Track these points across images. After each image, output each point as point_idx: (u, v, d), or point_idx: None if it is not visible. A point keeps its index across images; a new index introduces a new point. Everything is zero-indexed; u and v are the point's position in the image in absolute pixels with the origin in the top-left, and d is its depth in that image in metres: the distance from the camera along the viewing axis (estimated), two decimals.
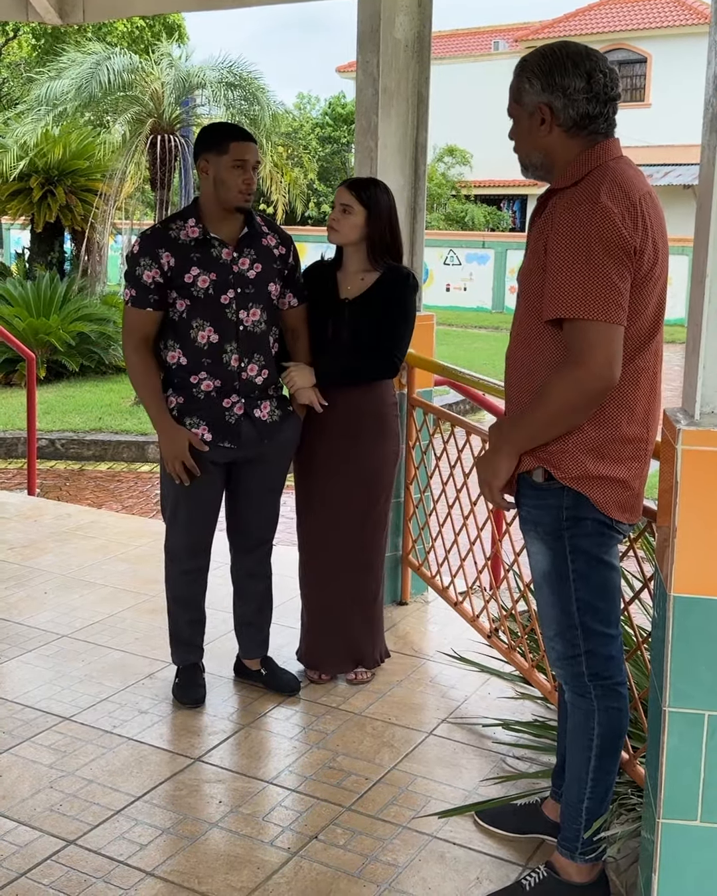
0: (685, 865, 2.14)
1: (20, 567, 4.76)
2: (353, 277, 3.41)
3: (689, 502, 2.03)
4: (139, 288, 3.14)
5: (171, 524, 3.39)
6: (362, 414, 3.43)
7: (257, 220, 3.27)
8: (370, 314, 3.35)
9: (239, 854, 2.65)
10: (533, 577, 2.40)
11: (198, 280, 3.13)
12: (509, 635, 3.51)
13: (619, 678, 2.35)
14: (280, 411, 3.33)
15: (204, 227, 3.16)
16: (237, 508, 3.43)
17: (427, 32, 4.10)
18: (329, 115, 30.63)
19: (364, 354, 3.36)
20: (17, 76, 25.11)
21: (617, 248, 2.06)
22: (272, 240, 3.28)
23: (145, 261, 3.12)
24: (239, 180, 3.11)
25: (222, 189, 3.12)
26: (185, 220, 3.18)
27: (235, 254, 3.18)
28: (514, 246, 22.12)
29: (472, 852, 2.67)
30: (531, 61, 2.22)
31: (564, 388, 2.09)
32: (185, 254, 3.13)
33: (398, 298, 3.36)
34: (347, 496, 3.46)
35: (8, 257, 21.37)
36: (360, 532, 3.50)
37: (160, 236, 3.16)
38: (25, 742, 3.18)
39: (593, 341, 2.05)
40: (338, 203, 3.36)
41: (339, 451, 3.43)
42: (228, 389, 3.21)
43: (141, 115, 11.13)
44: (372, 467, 3.47)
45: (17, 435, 8.74)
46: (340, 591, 3.54)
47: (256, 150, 3.16)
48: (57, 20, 5.59)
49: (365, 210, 3.33)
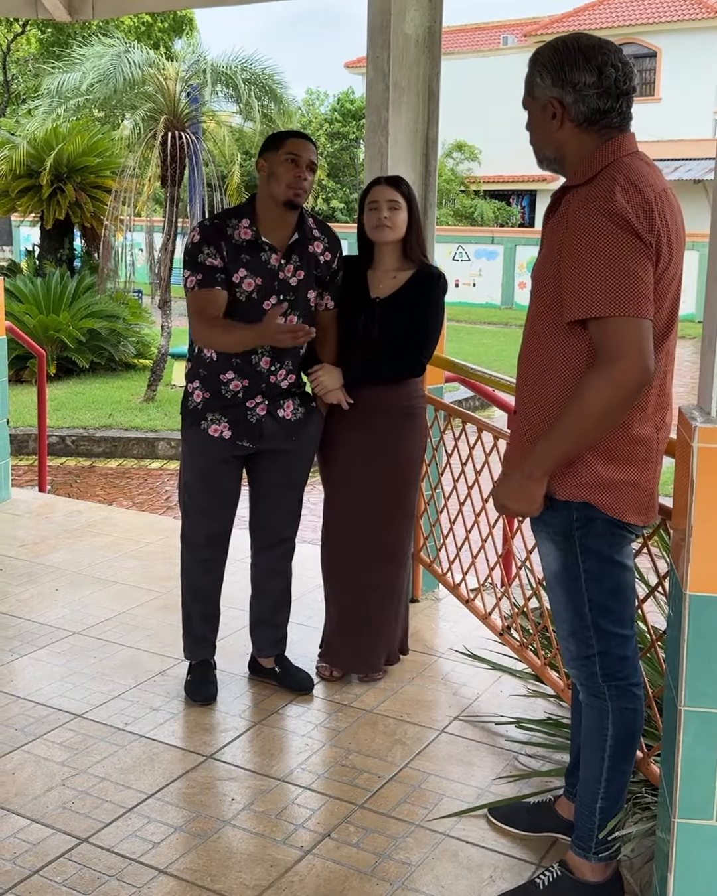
0: (700, 864, 2.13)
1: (31, 564, 4.77)
2: (384, 276, 3.40)
3: (705, 500, 2.02)
4: (205, 271, 3.12)
5: (187, 513, 3.40)
6: (392, 409, 3.42)
7: (309, 222, 3.26)
8: (401, 313, 3.34)
9: (252, 852, 2.65)
10: (545, 578, 2.38)
11: (244, 282, 3.14)
12: (522, 632, 3.50)
13: (634, 679, 2.33)
14: (304, 408, 3.33)
15: (257, 230, 3.15)
16: (258, 504, 3.44)
17: (438, 27, 4.08)
18: (338, 111, 30.56)
19: (392, 354, 3.36)
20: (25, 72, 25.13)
21: (637, 242, 2.04)
22: (319, 245, 3.27)
23: (209, 249, 3.12)
24: (290, 174, 3.10)
25: (274, 183, 3.12)
26: (239, 219, 3.17)
27: (282, 260, 3.18)
28: (523, 241, 22.07)
29: (485, 851, 2.67)
30: (543, 55, 2.20)
31: (603, 387, 2.03)
32: (236, 253, 3.13)
33: (429, 299, 3.36)
34: (376, 491, 3.45)
35: (18, 254, 21.42)
36: (388, 527, 3.49)
37: (219, 229, 3.15)
38: (38, 739, 3.18)
39: (627, 337, 2.02)
40: (383, 200, 3.32)
41: (368, 446, 3.42)
42: (255, 391, 3.22)
43: (153, 112, 11.12)
44: (401, 462, 3.47)
45: (28, 432, 8.76)
46: (368, 586, 3.52)
47: (312, 149, 3.15)
48: (66, 17, 5.59)
49: (407, 205, 3.34)
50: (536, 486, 2.19)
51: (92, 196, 13.14)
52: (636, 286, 2.02)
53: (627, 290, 2.02)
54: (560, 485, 2.20)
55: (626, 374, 2.02)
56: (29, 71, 25.32)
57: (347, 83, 34.88)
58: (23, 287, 12.20)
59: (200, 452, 3.30)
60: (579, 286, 2.06)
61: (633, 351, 2.02)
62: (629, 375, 2.02)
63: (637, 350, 2.02)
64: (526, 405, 2.30)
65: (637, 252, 2.04)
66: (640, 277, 2.03)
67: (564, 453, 2.14)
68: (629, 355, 2.02)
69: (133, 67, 10.86)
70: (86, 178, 13.15)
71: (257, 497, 3.43)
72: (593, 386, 2.05)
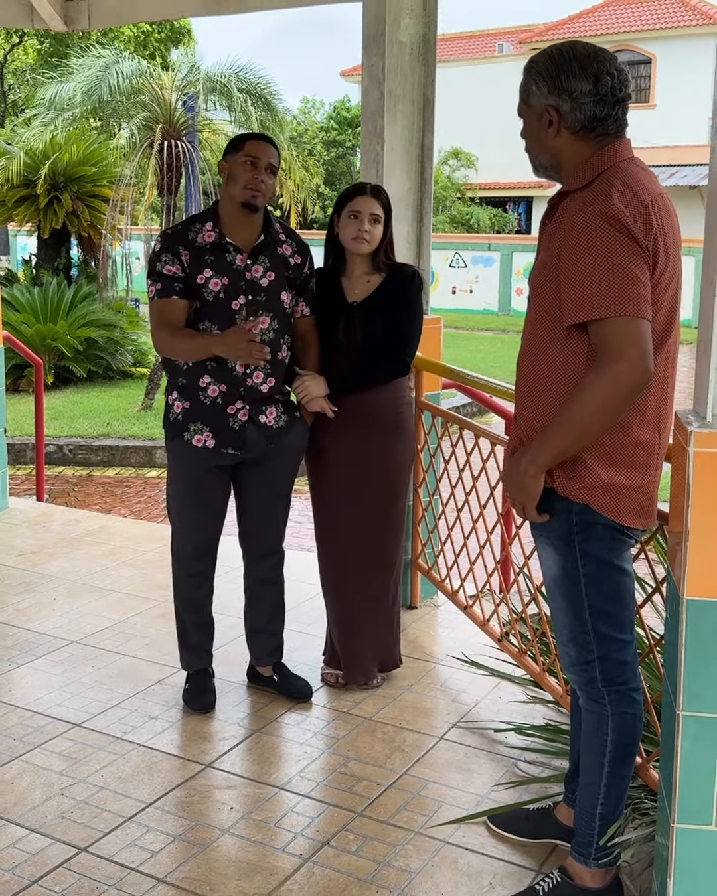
0: (699, 870, 2.12)
1: (29, 573, 4.76)
2: (358, 281, 3.40)
3: (701, 505, 2.02)
4: (163, 280, 3.14)
5: (175, 527, 3.40)
6: (378, 415, 3.42)
7: (276, 227, 3.28)
8: (380, 315, 3.35)
9: (251, 860, 2.64)
10: (545, 583, 2.39)
11: (210, 283, 3.14)
12: (520, 639, 3.49)
13: (633, 684, 2.33)
14: (287, 416, 3.32)
15: (220, 232, 3.17)
16: (245, 514, 3.43)
17: (432, 35, 4.10)
18: (334, 119, 30.65)
19: (375, 355, 3.36)
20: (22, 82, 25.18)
21: (634, 245, 2.05)
22: (288, 248, 3.28)
23: (166, 256, 3.14)
24: (247, 175, 3.11)
25: (232, 184, 3.14)
26: (203, 224, 3.19)
27: (248, 260, 3.19)
28: (519, 248, 22.10)
29: (485, 857, 2.66)
30: (539, 63, 2.22)
31: (603, 386, 2.05)
32: (200, 255, 3.15)
33: (405, 297, 3.37)
34: (365, 498, 3.45)
35: (15, 263, 21.44)
36: (380, 533, 3.49)
37: (180, 235, 3.18)
38: (36, 749, 3.17)
39: (627, 337, 2.03)
40: (366, 212, 3.31)
41: (356, 452, 3.42)
42: (234, 395, 3.20)
43: (149, 121, 11.15)
44: (390, 468, 3.47)
45: (26, 441, 8.75)
46: (360, 594, 3.52)
47: (271, 152, 3.16)
48: (62, 27, 5.60)
49: (385, 217, 3.35)
50: (532, 482, 2.21)
51: (89, 205, 13.17)
52: (635, 287, 2.04)
53: (626, 291, 2.03)
54: (562, 486, 2.21)
55: (626, 373, 2.04)
56: (26, 81, 25.38)
57: (344, 91, 34.95)
58: (20, 296, 12.20)
59: (185, 463, 3.29)
60: (578, 289, 2.07)
61: (633, 350, 2.03)
62: (629, 375, 2.04)
63: (638, 350, 2.03)
64: (526, 411, 2.31)
65: (634, 255, 2.05)
66: (638, 279, 2.04)
67: (560, 451, 2.15)
68: (630, 355, 2.03)
69: (120, 78, 10.90)
70: (82, 188, 13.18)
71: (244, 508, 3.43)
72: (593, 385, 2.06)
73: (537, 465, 2.19)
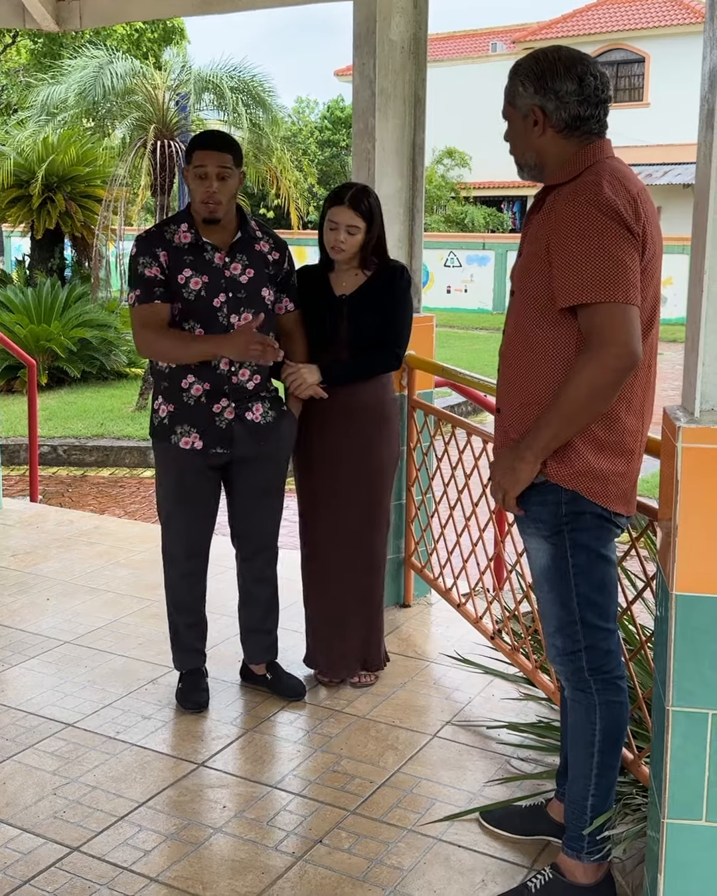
0: (690, 865, 2.12)
1: (23, 574, 4.76)
2: (346, 275, 3.40)
3: (690, 500, 2.02)
4: (143, 284, 3.14)
5: (166, 528, 3.39)
6: (363, 413, 3.42)
7: (252, 224, 3.27)
8: (369, 310, 3.35)
9: (243, 859, 2.64)
10: (533, 575, 2.40)
11: (190, 282, 3.14)
12: (513, 636, 3.50)
13: (618, 672, 2.36)
14: (274, 412, 3.31)
15: (196, 232, 3.17)
16: (236, 513, 3.43)
17: (423, 33, 4.10)
18: (328, 119, 30.63)
19: (367, 349, 3.36)
20: (15, 83, 25.12)
21: (625, 232, 2.09)
22: (265, 245, 3.28)
23: (145, 259, 3.14)
24: (200, 190, 3.10)
25: (192, 196, 3.14)
26: (178, 225, 3.19)
27: (226, 258, 3.18)
28: (514, 247, 22.02)
29: (477, 854, 2.66)
30: (525, 65, 2.27)
31: (592, 371, 2.09)
32: (179, 256, 3.15)
33: (394, 292, 3.37)
34: (349, 496, 3.45)
35: (8, 264, 21.41)
36: (365, 532, 3.49)
37: (156, 237, 3.18)
38: (28, 749, 3.17)
39: (617, 322, 2.07)
40: (342, 224, 3.28)
41: (341, 450, 3.42)
42: (218, 393, 3.20)
43: (142, 121, 11.13)
44: (374, 466, 3.46)
45: (19, 441, 8.74)
46: (344, 593, 3.53)
47: (220, 156, 3.09)
48: (54, 27, 5.59)
49: (366, 225, 3.33)
50: (527, 468, 2.23)
51: (82, 206, 13.17)
52: (625, 274, 2.08)
53: (616, 277, 2.07)
54: (554, 472, 2.24)
55: (615, 358, 2.08)
56: (19, 82, 25.32)
57: (338, 91, 34.90)
58: (13, 297, 12.20)
59: (174, 467, 3.28)
60: (569, 274, 2.11)
61: (621, 335, 2.07)
62: (618, 360, 2.08)
63: (626, 334, 2.07)
64: (512, 401, 2.33)
65: (625, 241, 2.09)
66: (628, 265, 2.09)
67: (554, 436, 2.18)
68: (618, 340, 2.07)
69: (115, 78, 10.88)
70: (76, 188, 13.18)
71: (235, 507, 3.42)
72: (583, 370, 2.10)
73: (534, 452, 2.21)
